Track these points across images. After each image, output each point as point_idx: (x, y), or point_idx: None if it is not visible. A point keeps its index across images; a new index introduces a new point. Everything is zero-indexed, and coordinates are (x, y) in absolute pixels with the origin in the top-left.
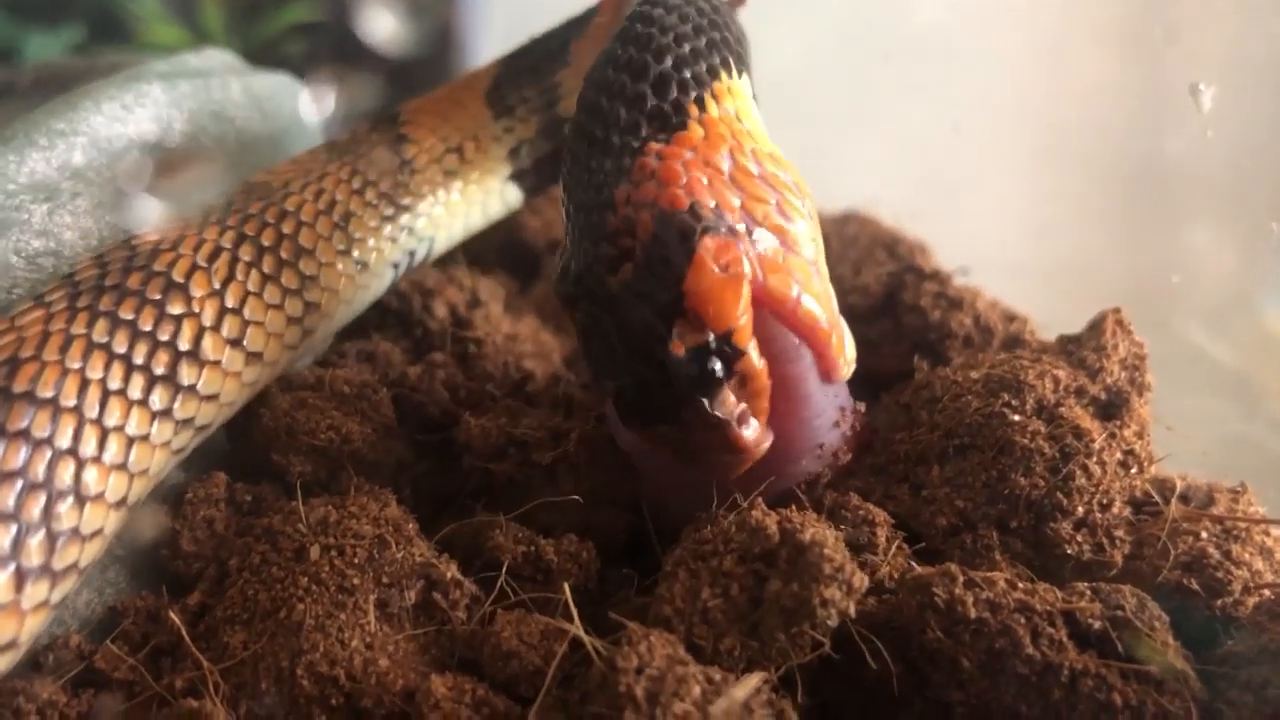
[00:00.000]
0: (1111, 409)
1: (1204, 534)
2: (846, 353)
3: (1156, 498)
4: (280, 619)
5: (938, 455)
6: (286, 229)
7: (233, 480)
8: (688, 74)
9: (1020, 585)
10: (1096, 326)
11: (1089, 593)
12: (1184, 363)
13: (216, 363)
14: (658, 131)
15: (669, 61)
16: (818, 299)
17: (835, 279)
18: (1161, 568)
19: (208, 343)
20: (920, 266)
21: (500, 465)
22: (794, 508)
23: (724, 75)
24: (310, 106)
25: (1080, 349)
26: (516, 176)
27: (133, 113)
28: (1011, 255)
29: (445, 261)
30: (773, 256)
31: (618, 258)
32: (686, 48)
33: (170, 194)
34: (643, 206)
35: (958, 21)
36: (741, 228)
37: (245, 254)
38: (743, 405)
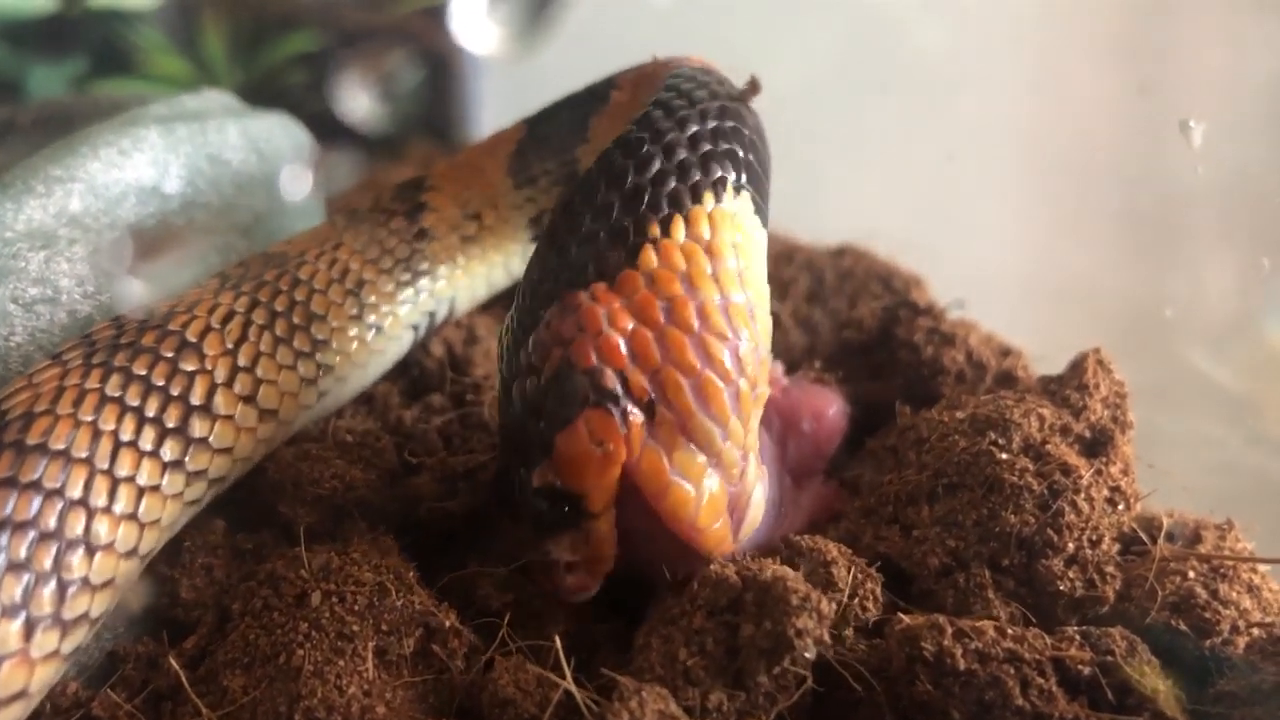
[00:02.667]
0: (1096, 447)
1: (1191, 573)
2: (739, 530)
3: (1143, 536)
4: (280, 664)
5: (927, 495)
6: (299, 295)
7: (233, 530)
8: (663, 191)
9: (1010, 633)
10: (1078, 366)
11: (1079, 637)
12: (1184, 388)
13: (229, 417)
14: (610, 250)
15: (648, 175)
16: (698, 497)
17: (830, 313)
18: (1149, 609)
19: (220, 398)
20: (914, 302)
21: (453, 502)
22: (747, 556)
23: (708, 197)
24: (307, 148)
25: (1063, 388)
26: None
27: (130, 158)
28: (1009, 285)
29: None
30: (663, 438)
31: (528, 369)
32: (674, 161)
33: (158, 273)
34: (557, 343)
35: (953, 52)
36: (642, 401)
37: (258, 318)
38: (576, 557)
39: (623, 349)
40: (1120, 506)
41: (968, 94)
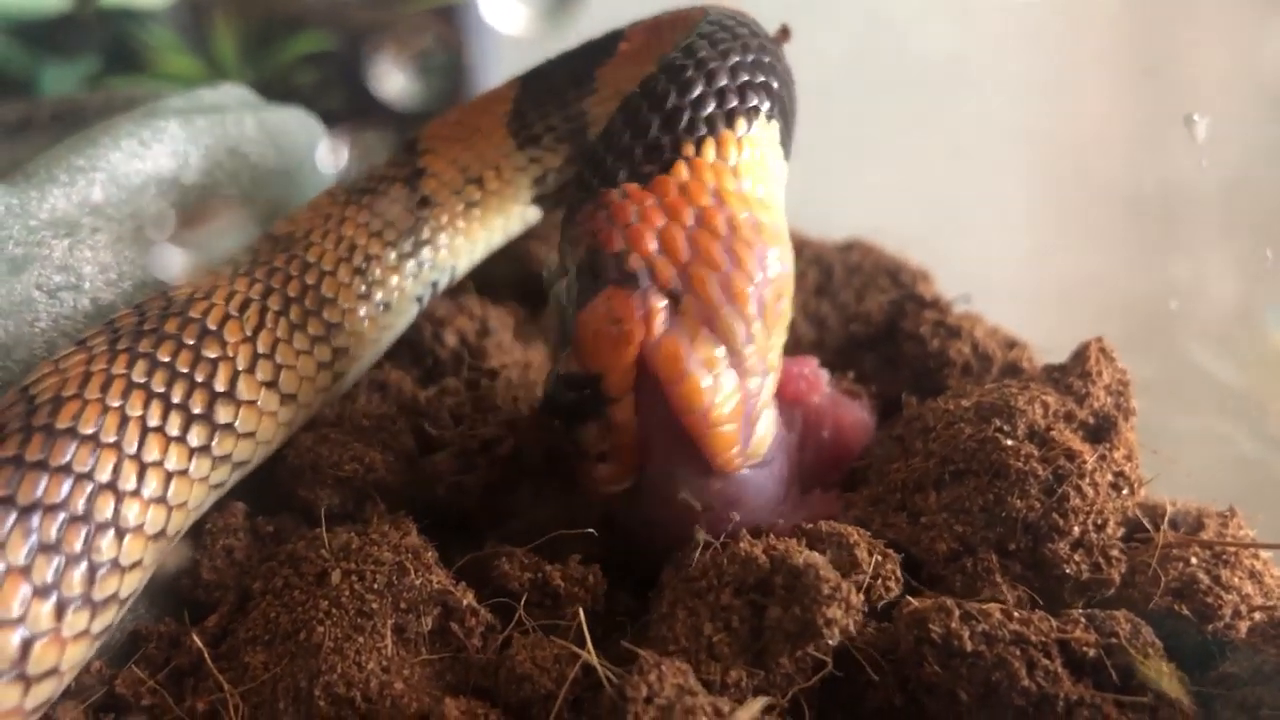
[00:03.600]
0: (1100, 433)
1: (1194, 559)
2: (746, 445)
3: (1146, 523)
4: (300, 641)
5: (934, 482)
6: (310, 280)
7: (254, 513)
8: (701, 114)
9: (1016, 615)
10: (1080, 355)
11: (1084, 620)
12: (1189, 383)
13: (252, 402)
14: (644, 164)
15: (689, 97)
16: (714, 389)
17: (838, 306)
18: (1153, 594)
19: (242, 384)
20: (921, 295)
21: (470, 477)
22: (772, 535)
23: (741, 123)
24: (324, 141)
25: (1066, 376)
26: (539, 199)
27: (150, 149)
28: (1015, 279)
29: (455, 290)
30: (685, 327)
31: (562, 267)
32: (713, 86)
33: (192, 241)
34: (588, 234)
35: (960, 50)
36: (666, 289)
37: (273, 304)
38: (604, 446)
39: (651, 240)
40: (1124, 491)
41: (975, 92)
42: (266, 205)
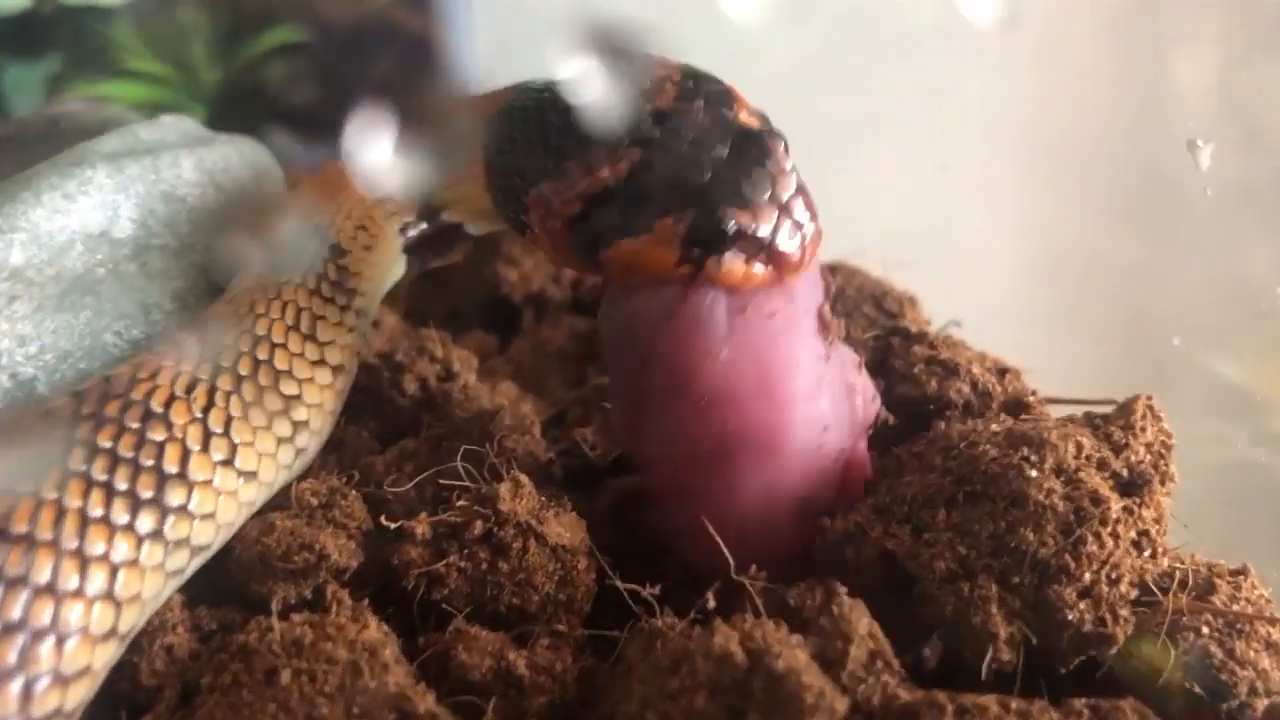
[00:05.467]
0: (1131, 489)
1: (1205, 628)
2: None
3: (1154, 589)
4: None
5: (946, 500)
6: (261, 354)
7: (198, 604)
8: None
9: (1014, 707)
10: (1126, 408)
11: (1088, 712)
12: (1188, 385)
13: (208, 482)
14: None
15: None
16: None
17: None
18: (1162, 671)
19: (195, 464)
20: (907, 329)
21: (443, 565)
22: (757, 606)
23: None
24: (271, 172)
25: (1107, 425)
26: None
27: (76, 202)
28: (1004, 296)
29: (417, 320)
30: None
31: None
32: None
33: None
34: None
35: (947, 62)
36: None
37: (224, 384)
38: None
39: None
40: (1146, 553)
41: (963, 103)
42: (205, 251)
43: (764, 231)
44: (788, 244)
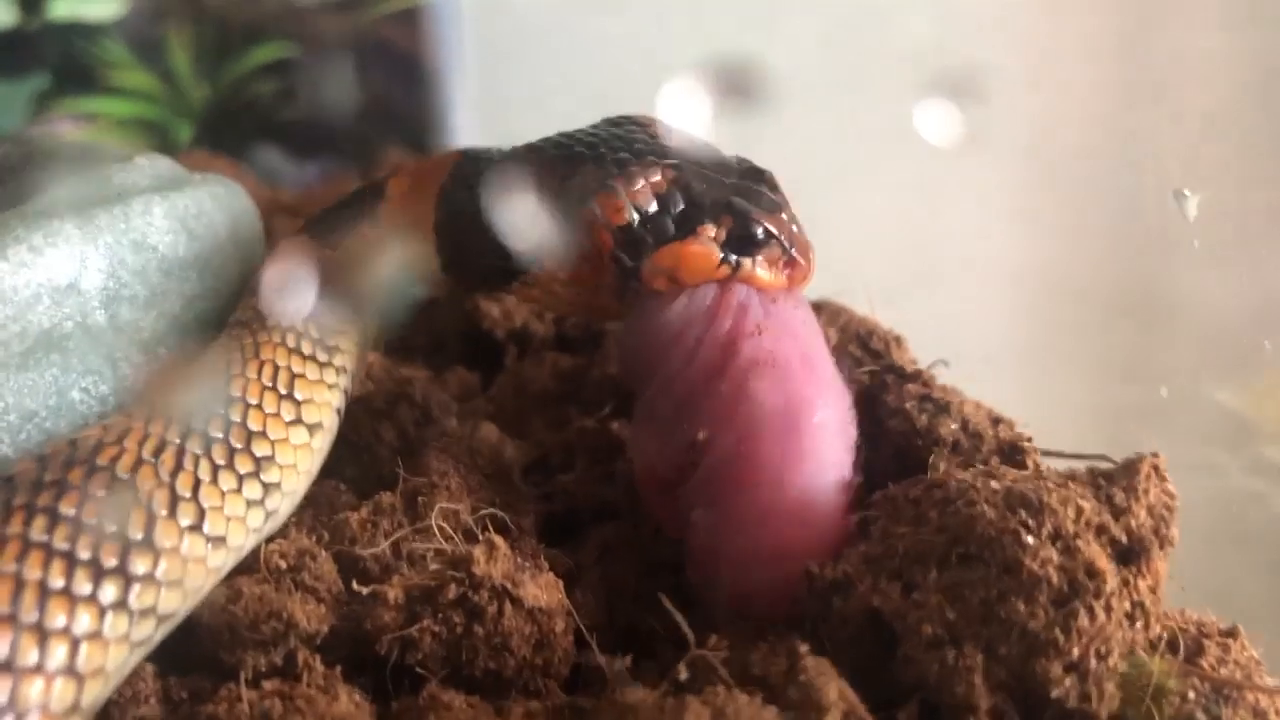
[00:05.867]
0: (1130, 556)
1: (1192, 694)
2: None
3: (1141, 654)
4: None
5: (939, 559)
6: (235, 415)
7: (165, 673)
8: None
9: None
10: (1130, 467)
11: None
12: (1182, 413)
13: (174, 549)
14: None
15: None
16: None
17: None
18: None
19: (160, 530)
20: (901, 367)
21: (416, 628)
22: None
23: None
24: (247, 215)
25: (1110, 485)
26: None
27: (42, 255)
28: (993, 339)
29: (400, 355)
30: None
31: None
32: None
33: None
34: None
35: (935, 99)
36: None
37: (194, 446)
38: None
39: None
40: (1138, 624)
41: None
42: (178, 300)
43: (785, 241)
44: (799, 255)
